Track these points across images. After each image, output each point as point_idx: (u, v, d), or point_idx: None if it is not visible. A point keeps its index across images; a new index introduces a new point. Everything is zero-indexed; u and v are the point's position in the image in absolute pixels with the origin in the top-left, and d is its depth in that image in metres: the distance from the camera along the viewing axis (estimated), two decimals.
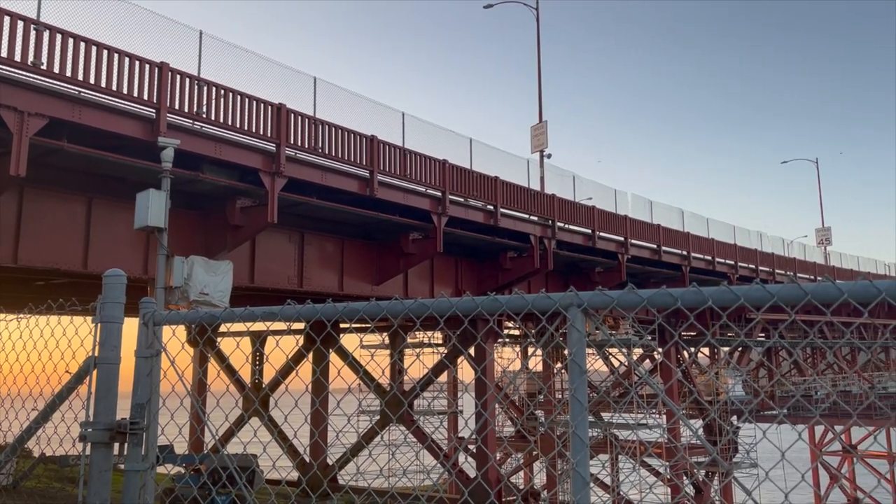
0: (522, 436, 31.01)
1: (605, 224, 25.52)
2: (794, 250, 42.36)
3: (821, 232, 51.65)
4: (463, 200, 20.27)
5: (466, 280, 23.09)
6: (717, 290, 2.50)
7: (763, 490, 4.08)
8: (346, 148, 17.03)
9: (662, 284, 2.52)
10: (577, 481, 2.63)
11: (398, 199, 18.45)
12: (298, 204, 16.80)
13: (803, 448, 45.38)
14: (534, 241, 22.34)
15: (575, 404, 2.64)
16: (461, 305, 2.93)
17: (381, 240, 20.17)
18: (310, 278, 18.66)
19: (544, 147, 28.14)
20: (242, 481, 4.33)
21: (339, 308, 3.30)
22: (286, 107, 15.72)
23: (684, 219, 31.54)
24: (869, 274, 47.00)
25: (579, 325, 2.64)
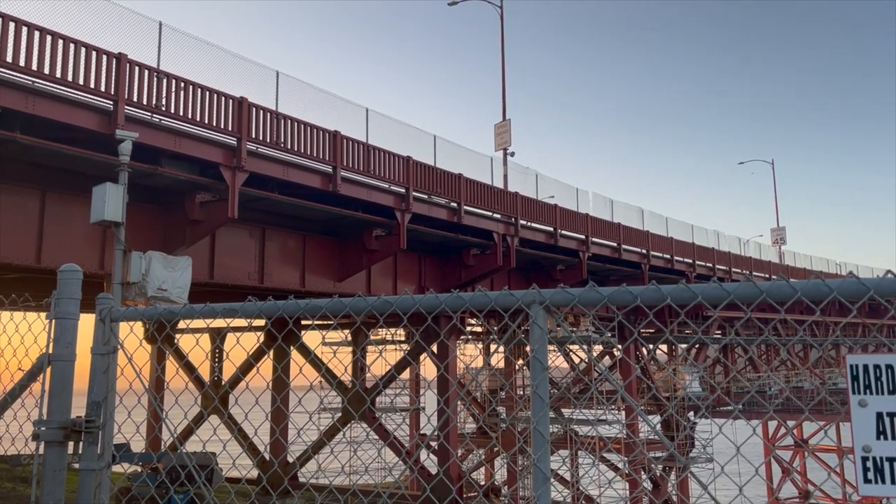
0: (484, 432, 31.17)
1: (566, 222, 25.76)
2: (750, 249, 43.33)
3: (776, 231, 52.87)
4: (427, 197, 20.27)
5: (430, 277, 23.10)
6: (675, 288, 2.55)
7: (718, 484, 4.18)
8: (309, 143, 16.89)
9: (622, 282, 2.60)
10: (537, 477, 2.66)
11: (361, 195, 18.37)
12: (260, 199, 16.61)
13: (757, 443, 46.29)
14: (497, 239, 22.45)
15: (536, 400, 2.66)
16: (425, 302, 2.94)
17: (344, 236, 20.06)
18: (271, 274, 18.47)
19: (508, 145, 28.30)
20: (201, 479, 4.27)
21: (302, 305, 3.28)
22: (248, 100, 15.53)
23: (644, 218, 32.02)
24: (821, 273, 48.34)
25: (541, 322, 2.67)
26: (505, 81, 30.60)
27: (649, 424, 36.59)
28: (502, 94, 30.49)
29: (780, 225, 53.38)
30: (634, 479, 31.05)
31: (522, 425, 27.41)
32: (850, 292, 2.36)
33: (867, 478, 2.22)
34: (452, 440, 23.57)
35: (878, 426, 2.23)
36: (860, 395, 2.26)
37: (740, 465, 3.92)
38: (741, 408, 32.51)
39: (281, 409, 16.46)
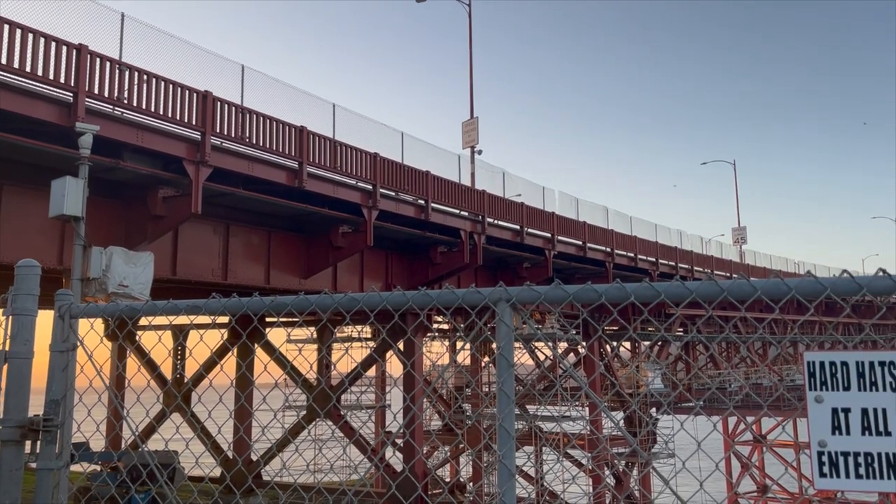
0: (450, 429, 31.25)
1: (533, 220, 25.92)
2: (712, 248, 44.09)
3: (737, 231, 53.85)
4: (394, 194, 20.22)
5: (397, 274, 23.06)
6: (639, 286, 2.59)
7: (680, 479, 4.26)
8: (275, 138, 16.73)
9: (587, 280, 2.64)
10: (502, 473, 2.67)
11: (328, 191, 18.26)
12: (224, 194, 16.41)
13: (717, 438, 47.29)
14: (464, 237, 22.50)
15: (502, 397, 2.68)
16: (392, 300, 2.94)
17: (310, 232, 19.92)
18: (235, 271, 18.26)
19: (475, 143, 28.36)
20: (163, 478, 4.22)
21: (267, 302, 3.25)
22: (212, 94, 15.32)
23: (609, 217, 32.36)
24: (780, 272, 49.36)
25: (508, 319, 2.69)
26: (472, 80, 30.68)
27: (612, 421, 36.83)
28: (470, 93, 30.56)
29: (740, 224, 54.41)
30: (597, 475, 31.41)
31: (488, 422, 27.54)
32: (807, 291, 2.42)
33: (822, 472, 2.28)
34: (418, 437, 23.59)
35: (833, 421, 2.29)
36: (816, 392, 2.32)
37: (701, 461, 4.00)
38: (702, 404, 33.07)
39: (245, 406, 16.31)
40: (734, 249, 50.38)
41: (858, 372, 2.29)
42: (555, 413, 29.05)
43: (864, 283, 2.35)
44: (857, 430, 2.26)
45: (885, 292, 2.34)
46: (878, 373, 2.27)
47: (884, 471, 2.22)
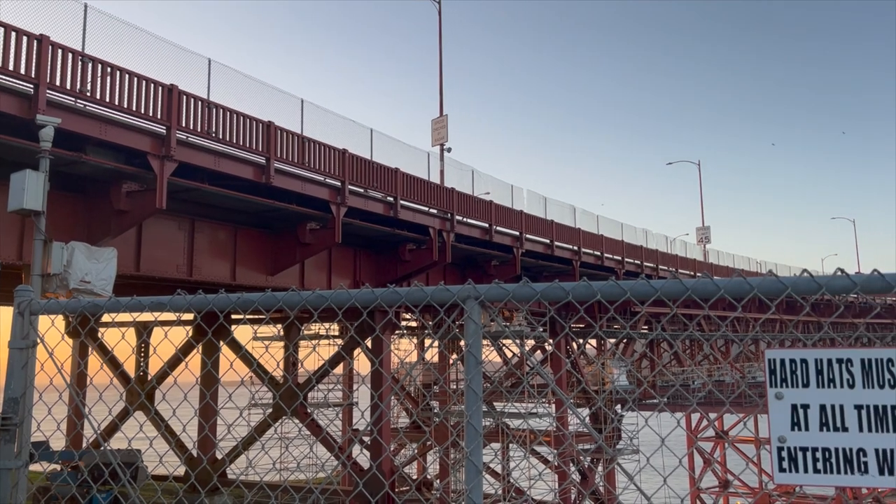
0: (417, 426, 31.25)
1: (501, 218, 26.02)
2: (677, 247, 44.69)
3: (701, 230, 54.66)
4: (363, 191, 20.14)
5: (365, 271, 22.97)
6: (605, 284, 2.62)
7: (644, 475, 4.32)
8: (242, 133, 16.54)
9: (555, 278, 2.67)
10: (469, 470, 2.69)
11: (296, 187, 18.11)
12: (190, 190, 16.18)
13: (681, 434, 48.06)
14: (433, 234, 22.49)
15: (470, 394, 2.70)
16: (360, 297, 2.93)
17: (277, 229, 19.74)
18: (200, 267, 18.03)
19: (444, 141, 28.37)
20: (126, 478, 4.16)
21: (233, 299, 3.22)
22: (178, 88, 15.08)
23: (576, 215, 32.61)
24: (743, 271, 50.08)
25: (476, 316, 2.70)
26: (442, 77, 30.68)
27: (578, 417, 37.13)
28: (440, 90, 30.57)
29: (704, 224, 55.24)
30: (563, 471, 31.69)
31: (455, 419, 27.60)
32: (769, 290, 2.47)
33: (782, 467, 2.33)
34: (385, 435, 23.55)
35: (792, 417, 2.34)
36: (777, 389, 2.38)
37: (665, 457, 4.06)
38: (666, 401, 33.57)
39: (210, 404, 16.13)
40: (698, 248, 51.13)
41: (817, 369, 2.35)
42: (522, 410, 29.22)
43: (823, 282, 2.41)
44: (816, 425, 2.32)
45: (844, 291, 2.40)
46: (835, 370, 2.33)
47: (841, 465, 2.28)
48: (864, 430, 2.27)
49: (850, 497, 44.38)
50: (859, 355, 2.32)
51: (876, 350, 2.31)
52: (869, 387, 2.29)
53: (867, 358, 2.31)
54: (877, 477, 2.24)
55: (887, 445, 2.24)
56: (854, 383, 2.31)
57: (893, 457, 2.23)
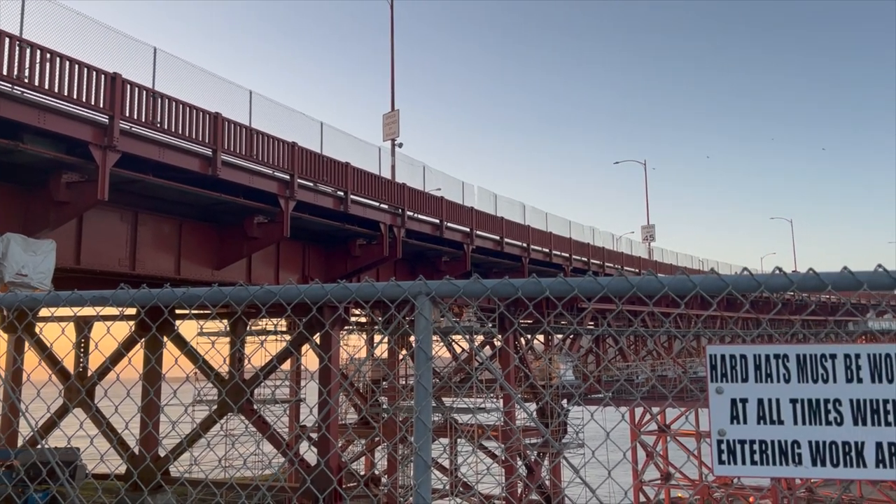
0: (366, 422, 31.15)
1: (452, 215, 26.09)
2: (622, 245, 45.48)
3: (646, 229, 55.80)
4: (312, 185, 19.94)
5: (314, 266, 22.76)
6: (554, 281, 2.66)
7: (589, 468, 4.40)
8: (188, 124, 16.19)
9: (504, 274, 2.64)
10: (418, 465, 2.70)
11: (243, 180, 17.82)
12: (133, 181, 15.77)
13: (625, 428, 49.02)
14: (383, 229, 22.41)
15: (419, 390, 2.71)
16: (310, 293, 2.91)
17: (224, 222, 19.40)
18: (143, 261, 17.59)
19: (396, 136, 28.28)
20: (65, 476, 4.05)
21: (179, 293, 3.16)
22: (122, 77, 14.67)
23: (525, 213, 32.91)
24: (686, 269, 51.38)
25: (427, 312, 2.71)
26: (394, 72, 30.55)
27: (526, 412, 37.62)
28: (391, 84, 30.44)
29: (650, 223, 56.40)
30: (510, 465, 32.02)
31: (404, 415, 27.61)
32: (711, 288, 2.55)
33: (721, 459, 2.41)
34: (333, 431, 23.40)
35: (732, 411, 2.42)
36: (717, 383, 2.45)
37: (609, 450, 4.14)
38: (611, 395, 34.18)
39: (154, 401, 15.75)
40: (643, 246, 52.15)
41: (755, 365, 2.44)
42: (470, 405, 29.40)
43: (762, 280, 2.49)
44: (754, 419, 2.40)
45: (781, 289, 2.49)
46: (773, 365, 2.42)
47: (776, 457, 2.37)
48: (799, 423, 2.36)
49: (785, 488, 46.01)
50: (795, 351, 2.41)
51: (810, 346, 2.41)
52: (804, 381, 2.38)
53: (802, 354, 2.40)
54: (810, 468, 2.33)
55: (820, 437, 2.34)
56: (790, 378, 2.40)
57: (825, 448, 2.33)
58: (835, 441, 2.32)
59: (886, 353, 2.34)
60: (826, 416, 2.35)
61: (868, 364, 2.34)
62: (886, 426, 2.29)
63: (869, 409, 2.32)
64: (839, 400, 2.35)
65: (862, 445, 2.30)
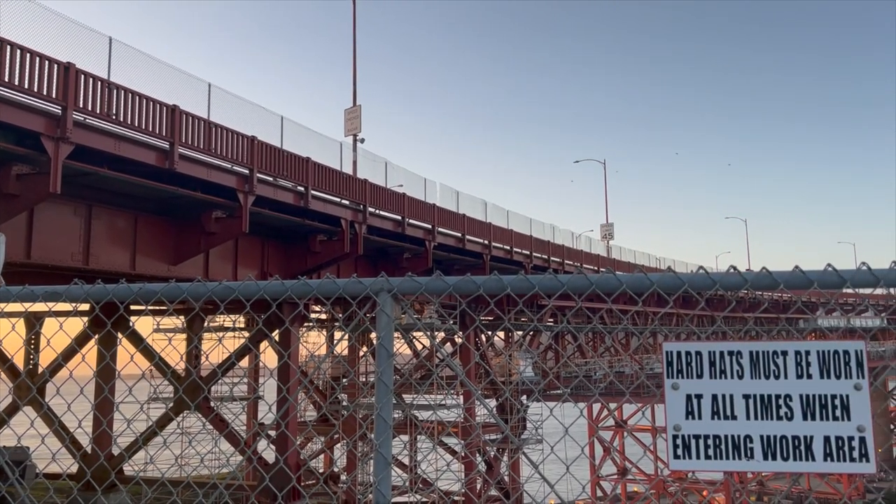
0: (325, 420, 30.95)
1: (414, 211, 26.06)
2: (582, 243, 45.98)
3: (605, 227, 56.44)
4: (272, 180, 19.71)
5: (273, 262, 22.51)
6: (515, 278, 2.68)
7: (548, 463, 4.45)
8: (145, 116, 15.85)
9: (466, 271, 2.67)
10: (378, 462, 2.70)
11: (201, 174, 17.53)
12: (87, 174, 15.39)
13: (583, 424, 49.64)
14: (345, 226, 22.28)
15: (380, 387, 2.70)
16: (269, 289, 2.88)
17: (181, 217, 19.06)
18: (97, 256, 17.19)
19: (358, 131, 28.13)
20: (15, 476, 3.94)
21: (135, 289, 3.11)
22: (76, 67, 14.30)
23: (487, 210, 33.03)
24: (643, 267, 52.31)
25: (388, 309, 2.71)
26: (356, 67, 30.36)
27: (487, 408, 37.78)
28: (353, 80, 30.24)
29: (608, 221, 57.07)
30: (470, 461, 32.15)
31: (364, 412, 27.51)
32: (667, 285, 2.60)
33: (676, 454, 2.46)
34: (292, 429, 23.21)
35: (687, 407, 2.48)
36: (673, 379, 2.50)
37: (567, 446, 4.19)
38: (569, 391, 34.54)
39: (108, 398, 15.44)
40: (602, 245, 52.77)
41: (710, 361, 2.49)
42: (431, 402, 29.44)
43: (717, 278, 2.55)
44: (708, 414, 2.46)
45: (735, 287, 2.55)
46: (727, 362, 2.48)
47: (729, 452, 2.43)
48: (751, 418, 2.43)
49: (737, 481, 47.11)
50: (748, 348, 2.47)
51: (763, 343, 2.47)
52: (756, 377, 2.45)
53: (755, 350, 2.46)
54: (761, 462, 2.40)
55: (771, 432, 2.40)
56: (743, 374, 2.46)
57: (776, 443, 2.40)
58: (785, 435, 2.39)
59: (835, 349, 2.41)
60: (777, 412, 2.41)
61: (817, 360, 2.41)
62: (834, 421, 2.37)
63: (818, 404, 2.39)
64: (790, 395, 2.41)
65: (811, 440, 2.37)
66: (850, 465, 2.34)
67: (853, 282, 2.50)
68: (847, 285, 2.51)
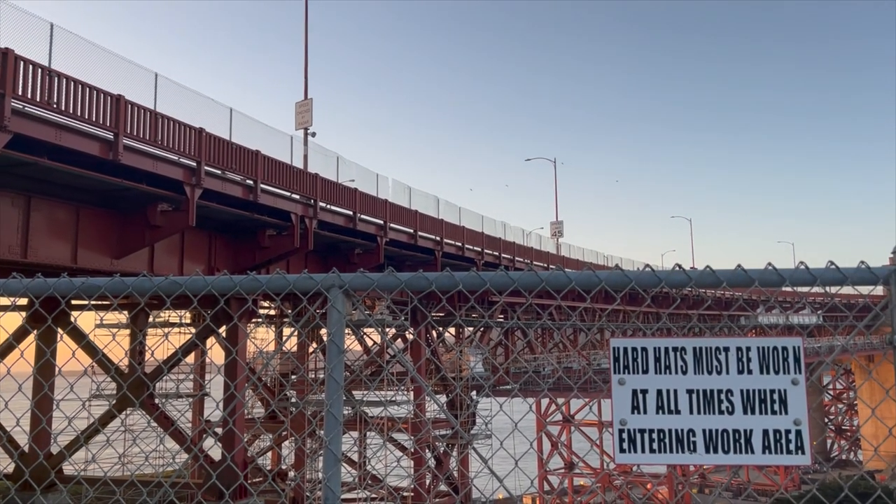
0: (273, 417, 30.59)
1: (366, 207, 25.92)
2: (532, 240, 46.39)
3: (555, 225, 57.11)
4: (220, 173, 19.36)
5: (221, 257, 22.12)
6: (467, 275, 2.70)
7: (497, 458, 4.49)
8: (88, 106, 15.38)
9: (418, 268, 2.70)
10: (328, 459, 2.69)
11: (147, 166, 17.11)
12: (25, 164, 14.86)
13: (532, 419, 50.21)
14: (295, 220, 22.03)
15: (331, 383, 2.69)
16: (218, 284, 2.84)
17: (126, 209, 18.58)
18: (36, 248, 16.63)
19: (309, 125, 27.82)
20: None
21: (77, 283, 3.02)
22: (14, 52, 13.78)
23: (439, 206, 33.08)
24: (592, 264, 53.10)
25: (340, 305, 2.70)
26: (307, 60, 30.03)
27: (437, 403, 38.01)
28: (305, 73, 29.90)
29: (558, 219, 57.77)
30: (420, 457, 32.19)
31: (313, 408, 27.29)
32: (615, 283, 2.65)
33: (622, 448, 2.51)
34: (240, 426, 22.87)
35: (633, 401, 2.53)
36: (620, 375, 2.56)
37: (516, 441, 4.24)
38: (519, 387, 34.90)
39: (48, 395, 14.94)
40: (552, 242, 53.36)
41: (655, 357, 2.55)
42: (381, 398, 29.37)
43: (663, 276, 2.61)
44: (653, 409, 2.52)
45: (680, 285, 2.62)
46: (671, 357, 2.54)
47: (673, 445, 2.49)
48: (694, 413, 2.50)
49: (680, 474, 48.28)
50: (692, 344, 2.54)
51: (706, 339, 2.54)
52: (699, 373, 2.52)
53: (698, 346, 2.53)
54: (703, 455, 2.47)
55: (713, 426, 2.48)
56: (687, 370, 2.52)
57: (718, 436, 2.47)
58: (726, 429, 2.47)
59: (774, 346, 2.50)
60: (719, 406, 2.49)
61: (757, 356, 2.49)
62: (773, 415, 2.45)
63: (757, 398, 2.47)
64: (731, 390, 2.49)
65: (750, 433, 2.45)
66: (787, 457, 2.43)
67: (792, 280, 2.59)
68: (786, 284, 2.60)
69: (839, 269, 2.54)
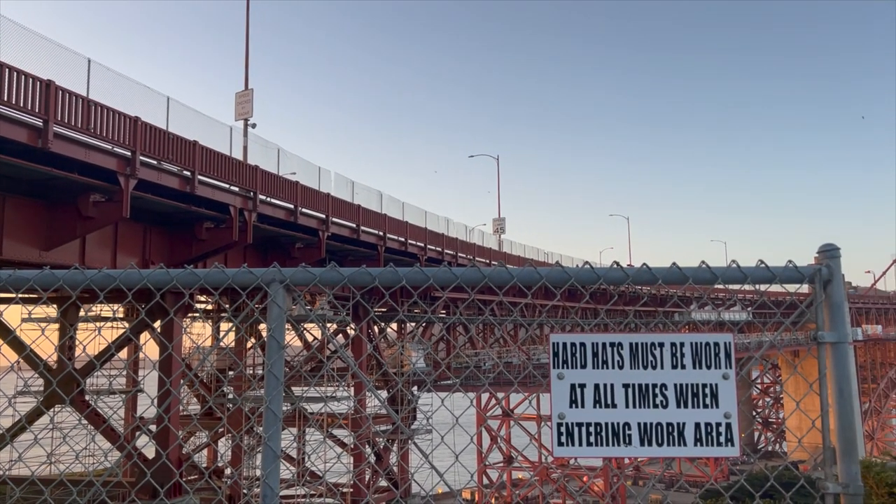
0: (209, 413, 29.98)
1: (308, 200, 25.61)
2: (475, 236, 46.68)
3: (497, 221, 57.56)
4: (156, 163, 18.84)
5: (156, 249, 21.54)
6: (410, 270, 2.70)
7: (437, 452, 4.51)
8: (16, 91, 14.76)
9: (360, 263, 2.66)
10: (267, 455, 2.66)
11: (78, 154, 16.52)
12: None
13: (472, 413, 50.56)
14: (233, 213, 21.61)
15: (270, 379, 2.66)
16: (153, 278, 2.77)
17: (55, 199, 17.91)
18: None
19: (249, 115, 27.31)
20: None
21: (4, 276, 2.90)
22: None
23: (383, 201, 32.94)
24: (533, 261, 53.77)
25: (280, 300, 2.66)
26: (248, 49, 29.44)
27: (379, 399, 37.91)
28: (245, 63, 29.31)
29: (500, 215, 58.24)
30: (360, 453, 32.05)
31: (251, 405, 26.86)
32: (555, 279, 2.69)
33: (560, 441, 2.56)
34: (175, 423, 22.34)
35: (571, 396, 2.58)
36: (559, 370, 2.60)
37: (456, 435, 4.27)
38: (460, 382, 35.08)
39: None
40: (494, 238, 53.78)
41: (593, 352, 2.61)
42: (321, 394, 29.11)
43: (601, 273, 2.67)
44: (591, 403, 2.57)
45: (618, 282, 2.68)
46: (608, 353, 2.60)
47: (609, 438, 2.55)
48: (630, 406, 2.56)
49: (615, 467, 49.42)
50: (628, 339, 2.61)
51: (641, 335, 2.61)
52: (635, 367, 2.58)
53: (634, 342, 2.60)
54: (638, 448, 2.53)
55: (647, 419, 2.55)
56: (623, 364, 2.59)
57: (652, 429, 2.54)
58: (660, 422, 2.54)
59: (706, 341, 2.58)
60: (653, 400, 2.56)
61: (690, 352, 2.57)
62: (704, 408, 2.54)
63: (690, 392, 2.55)
64: (665, 385, 2.56)
65: (683, 426, 2.53)
66: (717, 449, 2.51)
67: (724, 278, 2.68)
68: (718, 281, 2.69)
69: (769, 267, 2.64)
